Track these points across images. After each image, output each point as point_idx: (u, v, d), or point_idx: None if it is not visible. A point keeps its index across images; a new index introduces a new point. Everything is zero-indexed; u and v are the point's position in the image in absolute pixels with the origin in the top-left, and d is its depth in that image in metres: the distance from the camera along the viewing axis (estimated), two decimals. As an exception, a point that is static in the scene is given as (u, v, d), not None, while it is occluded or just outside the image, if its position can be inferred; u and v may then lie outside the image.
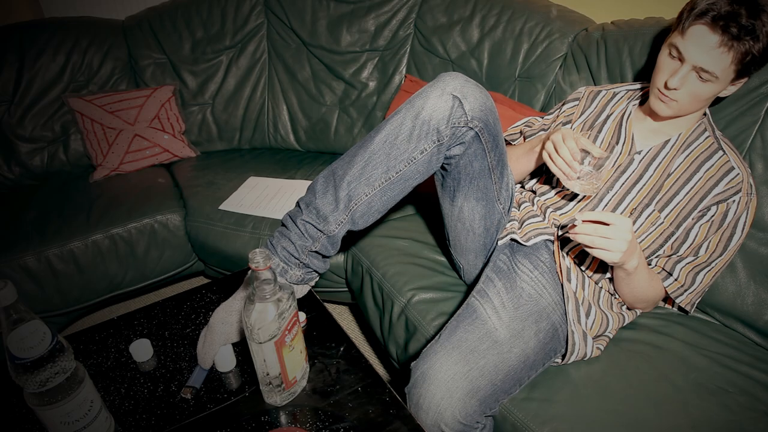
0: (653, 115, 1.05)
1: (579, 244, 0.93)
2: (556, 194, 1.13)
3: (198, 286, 1.17)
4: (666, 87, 0.93)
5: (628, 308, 1.07)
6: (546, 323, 0.94)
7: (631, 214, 1.03)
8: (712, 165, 0.98)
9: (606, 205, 1.05)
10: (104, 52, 1.91)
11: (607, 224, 0.84)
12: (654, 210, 1.01)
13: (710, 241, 0.98)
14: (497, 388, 0.86)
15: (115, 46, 1.93)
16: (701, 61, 0.87)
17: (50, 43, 1.84)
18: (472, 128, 0.92)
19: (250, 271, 0.76)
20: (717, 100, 1.08)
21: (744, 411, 0.88)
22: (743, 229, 0.98)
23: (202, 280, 1.98)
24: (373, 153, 0.94)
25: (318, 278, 1.09)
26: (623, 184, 1.04)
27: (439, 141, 0.92)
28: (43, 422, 0.74)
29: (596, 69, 1.30)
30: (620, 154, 1.06)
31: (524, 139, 1.27)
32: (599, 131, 1.10)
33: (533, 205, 1.15)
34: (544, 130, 1.22)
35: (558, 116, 1.21)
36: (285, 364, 0.81)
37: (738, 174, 0.97)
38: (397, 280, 1.25)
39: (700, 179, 0.99)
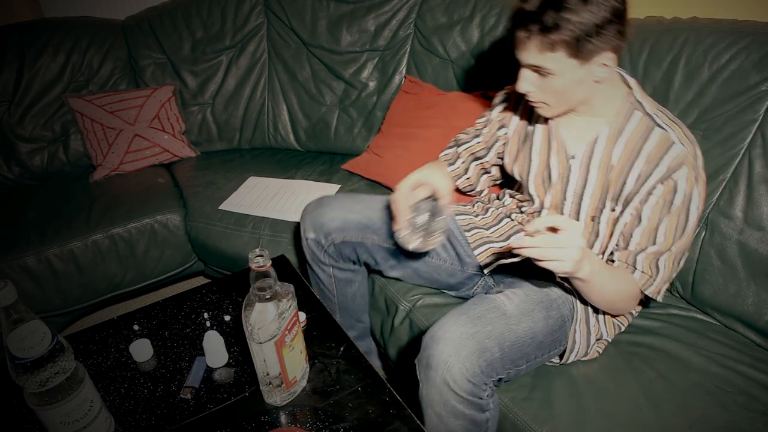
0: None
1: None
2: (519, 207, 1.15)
3: (198, 286, 1.17)
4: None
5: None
6: (555, 312, 0.95)
7: (593, 219, 1.00)
8: (653, 145, 0.92)
9: (568, 216, 1.03)
10: (104, 52, 1.91)
11: (557, 230, 0.80)
12: (610, 208, 0.98)
13: (666, 225, 0.92)
14: (504, 354, 0.87)
15: (115, 46, 1.93)
16: (526, 59, 0.88)
17: (50, 43, 1.84)
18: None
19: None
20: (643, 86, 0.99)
21: (742, 411, 0.87)
22: (698, 207, 0.91)
23: (202, 280, 1.98)
24: None
25: None
26: (573, 192, 1.01)
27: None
28: (43, 422, 0.74)
29: (596, 68, 1.30)
30: (559, 163, 1.02)
31: (457, 146, 1.22)
32: (532, 142, 1.07)
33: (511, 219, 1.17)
34: (477, 137, 1.19)
35: (490, 121, 1.16)
36: (285, 364, 0.81)
37: (680, 149, 0.90)
38: (402, 285, 1.25)
39: (643, 162, 0.93)
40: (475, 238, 1.16)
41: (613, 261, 0.98)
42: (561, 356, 0.99)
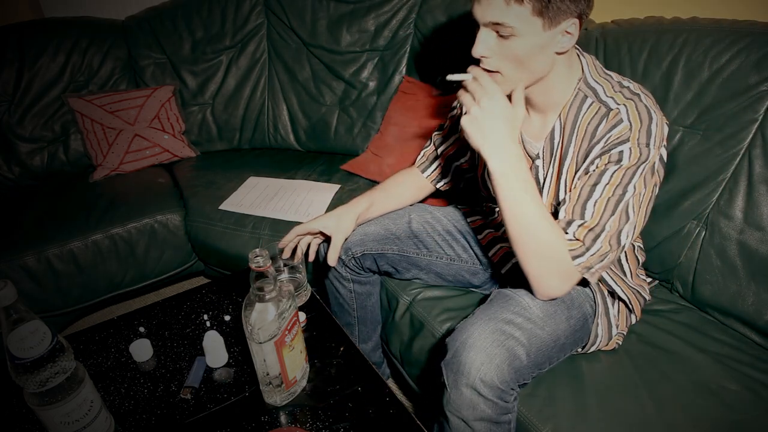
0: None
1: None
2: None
3: (198, 286, 1.17)
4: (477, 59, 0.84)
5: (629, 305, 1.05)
6: (577, 311, 0.94)
7: (554, 209, 0.97)
8: (603, 125, 0.86)
9: None
10: (104, 52, 1.91)
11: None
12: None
13: (597, 197, 0.84)
14: (531, 360, 0.86)
15: (115, 46, 1.93)
16: (487, 15, 0.79)
17: (50, 43, 1.84)
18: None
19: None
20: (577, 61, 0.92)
21: (746, 410, 0.87)
22: (636, 186, 0.82)
23: (202, 280, 1.98)
24: None
25: None
26: (548, 194, 0.98)
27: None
28: (43, 422, 0.74)
29: (595, 67, 1.30)
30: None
31: (434, 147, 1.19)
32: None
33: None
34: (454, 134, 1.15)
35: (460, 112, 1.11)
36: (285, 364, 0.81)
37: (625, 125, 0.82)
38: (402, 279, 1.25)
39: (590, 141, 0.88)
40: (487, 238, 1.16)
41: None
42: (583, 346, 0.99)
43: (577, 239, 0.85)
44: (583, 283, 0.91)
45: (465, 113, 0.84)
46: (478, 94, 0.83)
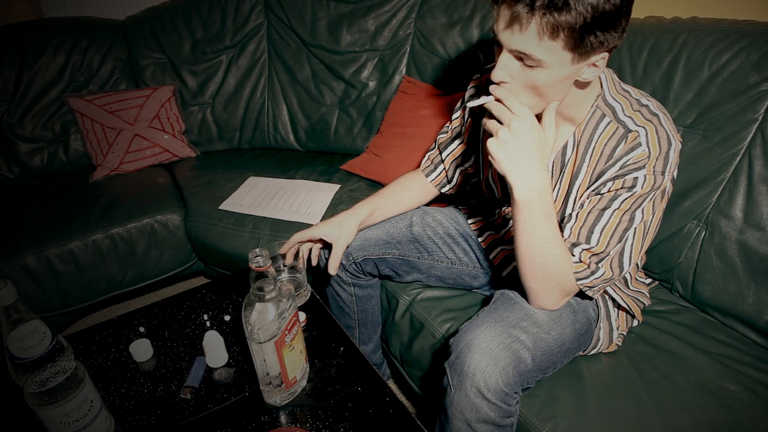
0: None
1: None
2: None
3: (198, 286, 1.17)
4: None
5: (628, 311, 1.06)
6: (582, 315, 0.94)
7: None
8: (620, 148, 0.84)
9: None
10: (104, 52, 1.91)
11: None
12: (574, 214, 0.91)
13: (605, 224, 0.83)
14: (536, 364, 0.86)
15: (115, 46, 1.93)
16: (516, 44, 0.74)
17: (50, 43, 1.84)
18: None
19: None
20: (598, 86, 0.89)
21: (745, 410, 0.87)
22: (644, 211, 0.82)
23: (202, 280, 1.98)
24: None
25: None
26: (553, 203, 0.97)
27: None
28: (43, 422, 0.74)
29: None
30: None
31: (439, 151, 1.17)
32: None
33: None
34: (458, 137, 1.14)
35: (465, 118, 1.10)
36: (285, 364, 0.81)
37: (643, 151, 0.80)
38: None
39: (605, 163, 0.86)
40: (488, 240, 1.16)
41: None
42: (584, 350, 0.99)
43: (582, 262, 0.86)
44: (585, 295, 0.92)
45: (491, 135, 0.80)
46: (506, 117, 0.78)
